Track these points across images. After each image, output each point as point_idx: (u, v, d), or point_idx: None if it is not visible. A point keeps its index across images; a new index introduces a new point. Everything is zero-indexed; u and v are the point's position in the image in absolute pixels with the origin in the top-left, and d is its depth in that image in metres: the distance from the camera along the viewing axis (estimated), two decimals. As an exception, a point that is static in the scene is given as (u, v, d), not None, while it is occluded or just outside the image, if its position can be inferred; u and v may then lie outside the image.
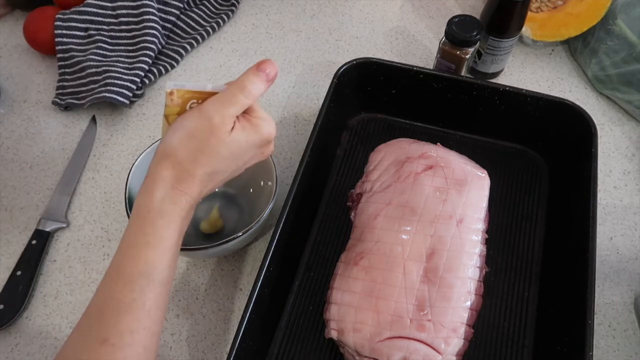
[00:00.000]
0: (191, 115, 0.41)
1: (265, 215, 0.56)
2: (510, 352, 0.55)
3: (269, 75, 0.42)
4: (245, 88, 0.41)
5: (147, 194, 0.40)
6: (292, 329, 0.57)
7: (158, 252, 0.39)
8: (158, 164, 0.41)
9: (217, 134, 0.40)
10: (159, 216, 0.39)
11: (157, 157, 0.41)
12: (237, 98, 0.41)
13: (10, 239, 0.64)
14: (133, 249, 0.39)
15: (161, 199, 0.39)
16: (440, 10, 0.87)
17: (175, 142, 0.40)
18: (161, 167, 0.40)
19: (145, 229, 0.39)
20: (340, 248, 0.60)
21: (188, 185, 0.40)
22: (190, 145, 0.40)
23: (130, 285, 0.38)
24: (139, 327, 0.37)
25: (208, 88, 0.42)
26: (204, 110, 0.41)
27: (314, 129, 0.61)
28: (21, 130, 0.74)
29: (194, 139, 0.40)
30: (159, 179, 0.40)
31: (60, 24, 0.77)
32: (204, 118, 0.40)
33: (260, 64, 0.42)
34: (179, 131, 0.41)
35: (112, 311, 0.37)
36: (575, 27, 0.75)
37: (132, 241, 0.39)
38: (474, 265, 0.54)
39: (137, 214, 0.40)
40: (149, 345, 0.38)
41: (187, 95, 0.42)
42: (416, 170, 0.60)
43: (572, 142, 0.63)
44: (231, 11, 0.85)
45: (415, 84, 0.67)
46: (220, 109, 0.41)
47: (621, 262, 0.62)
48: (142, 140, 0.72)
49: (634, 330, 0.58)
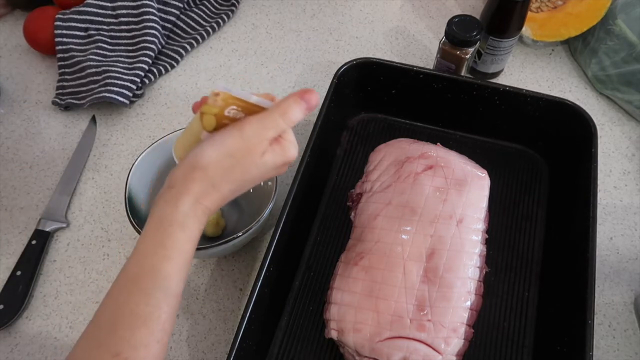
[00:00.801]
0: (231, 134, 0.41)
1: (265, 215, 0.56)
2: (510, 352, 0.55)
3: (310, 105, 0.43)
4: (287, 114, 0.42)
5: (171, 205, 0.39)
6: (292, 329, 0.57)
7: (177, 265, 0.39)
8: (188, 176, 0.40)
9: (252, 155, 0.41)
10: (181, 230, 0.39)
11: (188, 168, 0.40)
12: (277, 122, 0.41)
13: (10, 239, 0.64)
14: (151, 260, 0.38)
15: (185, 213, 0.39)
16: (440, 10, 0.87)
17: (212, 158, 0.40)
18: (190, 179, 0.40)
19: (165, 242, 0.38)
20: (340, 248, 0.60)
21: (212, 201, 0.40)
22: (225, 163, 0.40)
23: (147, 298, 0.37)
24: (153, 341, 0.37)
25: (252, 100, 0.42)
26: (245, 131, 0.41)
27: (314, 129, 0.61)
28: (21, 130, 0.74)
29: (231, 157, 0.40)
30: (185, 192, 0.39)
31: (60, 24, 0.77)
32: (244, 138, 0.41)
33: (304, 93, 0.43)
34: (216, 147, 0.41)
35: (126, 324, 0.37)
36: (575, 27, 0.75)
37: (151, 252, 0.39)
38: (474, 265, 0.54)
39: (158, 225, 0.39)
40: (159, 356, 0.38)
41: (230, 100, 0.42)
42: (416, 170, 0.60)
43: (572, 142, 0.63)
44: (231, 11, 0.85)
45: (415, 84, 0.67)
46: (260, 131, 0.41)
47: (621, 262, 0.62)
48: (142, 140, 0.72)
49: (634, 330, 0.58)
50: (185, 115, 0.75)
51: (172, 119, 0.74)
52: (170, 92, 0.78)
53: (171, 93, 0.77)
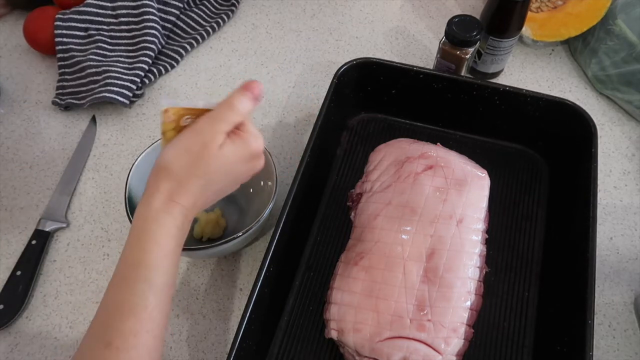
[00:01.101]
0: (185, 132, 0.44)
1: (265, 215, 0.56)
2: (510, 352, 0.55)
3: (255, 94, 0.46)
4: (234, 106, 0.45)
5: (145, 205, 0.42)
6: (292, 329, 0.57)
7: (155, 257, 0.41)
8: (155, 177, 0.43)
9: (208, 148, 0.43)
10: (156, 224, 0.42)
11: (155, 171, 0.44)
12: (226, 115, 0.45)
13: (10, 239, 0.64)
14: (133, 255, 0.41)
15: (157, 209, 0.42)
16: (440, 10, 0.87)
17: (171, 157, 0.43)
18: (158, 179, 0.43)
19: (141, 236, 0.42)
20: (340, 248, 0.60)
21: (182, 197, 0.43)
22: (184, 159, 0.43)
23: (132, 289, 0.40)
24: (142, 330, 0.39)
25: (200, 105, 0.46)
26: (197, 128, 0.44)
27: (314, 129, 0.61)
28: (21, 130, 0.74)
29: (188, 153, 0.43)
30: (155, 191, 0.43)
31: (60, 24, 0.77)
32: (197, 134, 0.44)
33: (246, 84, 0.46)
34: (174, 146, 0.44)
35: (115, 315, 0.40)
36: (575, 27, 0.75)
37: (133, 247, 0.42)
38: (474, 265, 0.54)
39: (135, 223, 0.43)
40: (152, 348, 0.40)
41: (181, 112, 0.45)
42: (416, 170, 0.60)
43: (572, 142, 0.63)
44: (231, 11, 0.85)
45: (415, 84, 0.67)
46: (212, 125, 0.44)
47: (621, 262, 0.62)
48: (142, 140, 0.72)
49: (634, 330, 0.58)
50: (185, 115, 0.75)
51: (172, 119, 0.74)
52: (170, 92, 0.78)
53: (171, 93, 0.77)
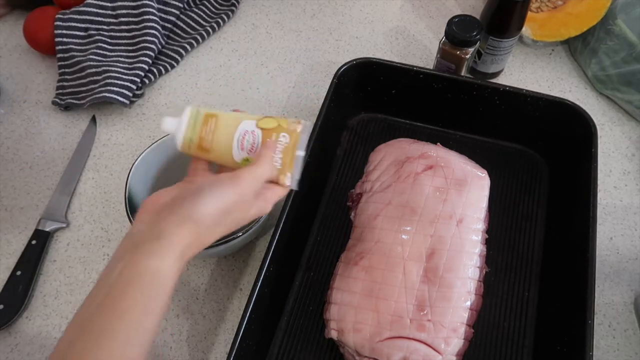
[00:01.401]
0: (227, 188, 0.41)
1: (265, 215, 0.56)
2: (510, 352, 0.55)
3: None
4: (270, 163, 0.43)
5: (156, 258, 0.37)
6: (292, 329, 0.57)
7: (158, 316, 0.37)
8: (179, 227, 0.38)
9: (242, 211, 0.41)
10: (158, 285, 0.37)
11: (179, 218, 0.38)
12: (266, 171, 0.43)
13: (10, 239, 0.64)
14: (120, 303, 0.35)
15: (168, 274, 0.37)
16: (440, 10, 0.87)
17: (208, 211, 0.39)
18: (182, 230, 0.38)
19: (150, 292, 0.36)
20: (340, 248, 0.60)
21: (193, 253, 0.40)
22: (218, 217, 0.40)
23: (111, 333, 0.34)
24: None
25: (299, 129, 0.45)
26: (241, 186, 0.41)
27: (314, 129, 0.61)
28: (21, 130, 0.74)
29: (226, 213, 0.40)
30: (178, 244, 0.38)
31: (60, 24, 0.77)
32: (239, 194, 0.41)
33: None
34: (215, 200, 0.40)
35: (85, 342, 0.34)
36: (575, 27, 0.75)
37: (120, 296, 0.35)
38: (474, 265, 0.54)
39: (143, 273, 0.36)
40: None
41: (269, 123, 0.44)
42: (416, 170, 0.60)
43: (572, 142, 0.63)
44: (231, 11, 0.85)
45: (415, 84, 0.67)
46: (253, 184, 0.42)
47: (621, 262, 0.62)
48: (142, 140, 0.72)
49: (634, 330, 0.58)
50: (185, 115, 0.75)
51: (172, 119, 0.74)
52: (170, 92, 0.78)
53: (171, 93, 0.77)
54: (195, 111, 0.44)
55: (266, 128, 0.44)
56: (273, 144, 0.43)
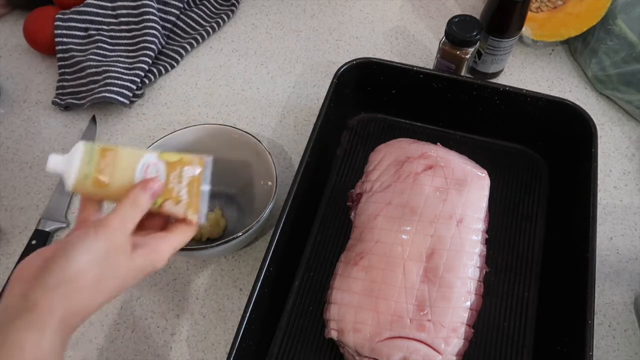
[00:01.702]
0: (89, 233, 0.37)
1: (265, 215, 0.56)
2: (510, 352, 0.55)
3: (155, 191, 0.41)
4: (138, 203, 0.40)
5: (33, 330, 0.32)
6: (292, 329, 0.57)
7: None
8: (52, 292, 0.34)
9: (118, 259, 0.37)
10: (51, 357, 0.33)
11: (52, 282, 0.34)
12: (133, 214, 0.39)
13: (10, 239, 0.64)
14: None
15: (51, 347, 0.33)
16: (440, 10, 0.87)
17: (82, 266, 0.35)
18: (55, 296, 0.34)
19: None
20: (340, 248, 0.60)
21: (78, 320, 0.35)
22: (94, 271, 0.36)
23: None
24: None
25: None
26: (107, 230, 0.37)
27: (314, 129, 0.61)
28: (21, 130, 0.74)
29: (98, 264, 0.36)
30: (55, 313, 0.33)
31: (60, 24, 0.77)
32: (107, 238, 0.37)
33: (145, 181, 0.41)
34: (85, 252, 0.36)
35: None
36: (575, 27, 0.75)
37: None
38: (474, 265, 0.54)
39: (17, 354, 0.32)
40: None
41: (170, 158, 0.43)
42: (416, 170, 0.60)
43: (572, 142, 0.63)
44: (231, 11, 0.85)
45: (415, 84, 0.67)
46: (122, 225, 0.38)
47: (621, 262, 0.62)
48: (142, 140, 0.72)
49: (634, 330, 0.58)
50: (186, 115, 0.75)
51: (172, 119, 0.74)
52: (170, 92, 0.78)
53: (171, 93, 0.77)
54: (89, 146, 0.41)
55: (170, 161, 0.42)
56: (145, 184, 0.41)
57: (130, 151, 0.42)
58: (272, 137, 0.73)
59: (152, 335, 0.58)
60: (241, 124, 0.74)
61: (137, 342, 0.57)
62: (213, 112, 0.75)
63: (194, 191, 0.42)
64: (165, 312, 0.59)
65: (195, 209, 0.43)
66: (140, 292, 0.60)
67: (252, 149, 0.60)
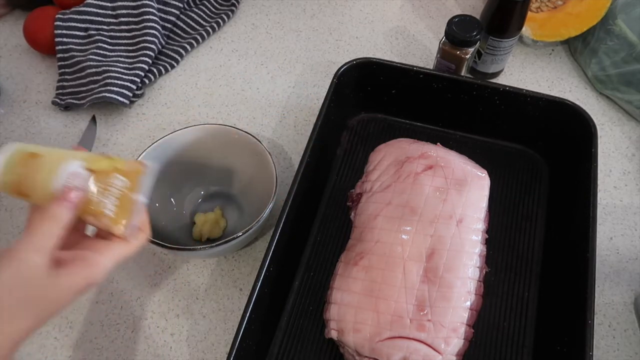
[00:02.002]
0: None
1: (265, 215, 0.56)
2: (510, 352, 0.55)
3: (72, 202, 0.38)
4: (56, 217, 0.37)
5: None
6: (292, 329, 0.57)
7: None
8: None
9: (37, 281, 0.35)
10: None
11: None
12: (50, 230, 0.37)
13: (10, 239, 0.64)
14: None
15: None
16: (440, 10, 0.87)
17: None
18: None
19: None
20: (340, 248, 0.60)
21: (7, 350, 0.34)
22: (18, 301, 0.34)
23: None
24: None
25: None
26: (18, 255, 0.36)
27: (314, 129, 0.61)
28: (21, 130, 0.74)
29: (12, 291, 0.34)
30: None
31: (60, 24, 0.77)
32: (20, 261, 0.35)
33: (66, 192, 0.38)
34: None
35: None
36: (575, 27, 0.75)
37: None
38: (474, 265, 0.54)
39: None
40: None
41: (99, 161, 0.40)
42: (416, 170, 0.60)
43: (572, 142, 0.63)
44: (231, 11, 0.85)
45: (415, 84, 0.67)
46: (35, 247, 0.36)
47: (621, 262, 0.62)
48: (142, 140, 0.72)
49: (634, 330, 0.58)
50: (186, 115, 0.75)
51: (172, 119, 0.74)
52: (170, 92, 0.78)
53: (171, 93, 0.77)
54: (15, 149, 0.38)
55: (97, 170, 0.39)
56: (63, 196, 0.38)
57: (55, 158, 0.39)
58: (272, 137, 0.73)
59: (152, 335, 0.58)
60: (241, 124, 0.74)
61: (137, 342, 0.57)
62: (213, 112, 0.75)
63: (124, 202, 0.40)
64: (165, 312, 0.59)
65: (125, 220, 0.39)
66: (140, 292, 0.60)
67: (252, 149, 0.60)
